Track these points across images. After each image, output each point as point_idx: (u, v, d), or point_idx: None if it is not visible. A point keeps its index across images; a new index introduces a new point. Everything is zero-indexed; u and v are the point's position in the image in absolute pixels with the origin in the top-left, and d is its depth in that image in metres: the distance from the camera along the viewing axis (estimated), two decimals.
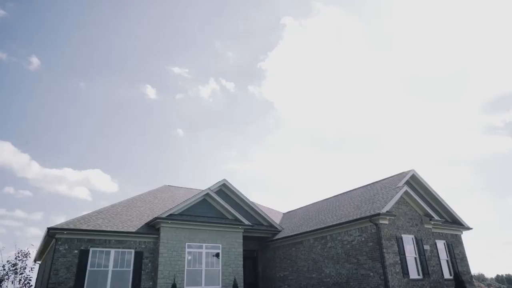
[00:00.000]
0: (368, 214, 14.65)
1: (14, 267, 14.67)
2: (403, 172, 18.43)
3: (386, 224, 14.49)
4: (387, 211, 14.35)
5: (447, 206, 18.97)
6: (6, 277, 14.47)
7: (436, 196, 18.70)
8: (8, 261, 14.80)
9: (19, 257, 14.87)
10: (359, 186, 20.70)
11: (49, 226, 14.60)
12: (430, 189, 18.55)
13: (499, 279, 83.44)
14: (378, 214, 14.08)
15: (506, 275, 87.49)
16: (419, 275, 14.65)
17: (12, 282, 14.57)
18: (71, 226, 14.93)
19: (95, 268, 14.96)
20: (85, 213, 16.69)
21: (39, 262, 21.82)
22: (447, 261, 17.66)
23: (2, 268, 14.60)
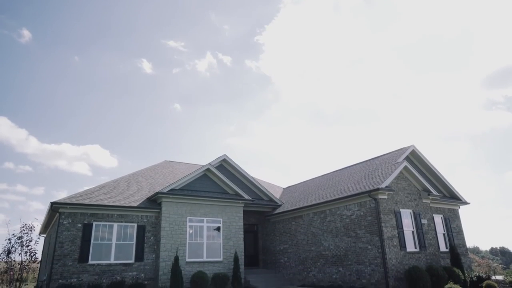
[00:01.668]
0: (367, 189, 14.80)
1: (20, 240, 14.99)
2: (403, 148, 18.48)
3: (385, 199, 14.67)
4: (386, 186, 14.50)
5: (445, 181, 19.14)
6: (13, 249, 14.83)
7: (435, 171, 18.83)
8: (13, 234, 15.08)
9: (24, 230, 15.16)
10: (359, 161, 20.81)
11: (52, 201, 14.83)
12: (429, 165, 18.66)
13: (493, 251, 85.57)
14: (377, 189, 14.23)
15: (500, 247, 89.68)
16: (416, 248, 14.99)
17: (19, 254, 14.94)
18: (74, 201, 15.14)
19: (99, 241, 15.31)
20: (86, 188, 16.92)
21: (44, 235, 22.30)
22: (443, 234, 18.02)
23: (9, 241, 14.90)
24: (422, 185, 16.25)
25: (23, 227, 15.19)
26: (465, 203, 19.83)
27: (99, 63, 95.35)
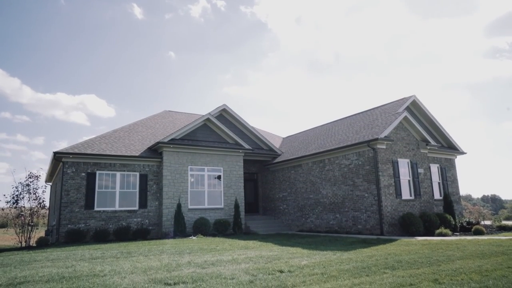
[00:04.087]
0: (366, 139, 14.92)
1: (27, 187, 15.42)
2: (404, 98, 18.32)
3: (383, 148, 14.85)
4: (385, 136, 14.60)
5: (444, 132, 19.24)
6: (21, 196, 15.30)
7: (435, 121, 18.85)
8: (20, 182, 15.46)
9: (30, 178, 15.53)
10: (359, 111, 20.75)
11: (55, 151, 15.02)
12: (429, 115, 18.63)
13: (484, 198, 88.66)
14: (376, 139, 14.35)
15: (491, 195, 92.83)
16: (411, 196, 15.48)
17: (28, 201, 15.46)
18: (76, 151, 15.34)
19: (103, 190, 15.77)
20: (86, 137, 17.05)
21: (50, 183, 22.90)
22: (438, 183, 18.52)
23: (16, 189, 15.32)
24: (421, 135, 16.35)
25: (28, 175, 15.53)
26: (462, 153, 20.11)
27: (87, 7, 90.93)
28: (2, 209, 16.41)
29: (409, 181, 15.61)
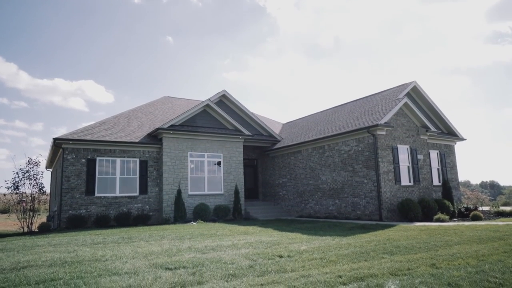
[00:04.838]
0: (366, 125, 14.89)
1: (28, 174, 15.44)
2: (404, 84, 18.22)
3: (383, 135, 14.84)
4: (385, 123, 14.57)
5: (444, 118, 19.19)
6: (22, 182, 15.33)
7: (435, 107, 18.78)
8: (20, 168, 15.48)
9: (30, 165, 15.54)
10: (359, 97, 20.66)
11: (54, 137, 15.01)
12: (429, 101, 18.55)
13: (483, 184, 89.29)
14: (376, 125, 14.32)
15: (490, 181, 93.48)
16: (410, 182, 15.55)
17: (29, 186, 15.50)
18: (76, 137, 15.33)
19: (104, 176, 15.83)
20: (85, 124, 17.11)
21: (50, 169, 22.98)
22: (438, 169, 18.59)
23: (17, 175, 15.35)
24: (421, 121, 16.32)
25: (28, 162, 15.54)
26: (462, 139, 20.11)
27: None
28: (4, 195, 16.51)
29: (408, 167, 15.66)
